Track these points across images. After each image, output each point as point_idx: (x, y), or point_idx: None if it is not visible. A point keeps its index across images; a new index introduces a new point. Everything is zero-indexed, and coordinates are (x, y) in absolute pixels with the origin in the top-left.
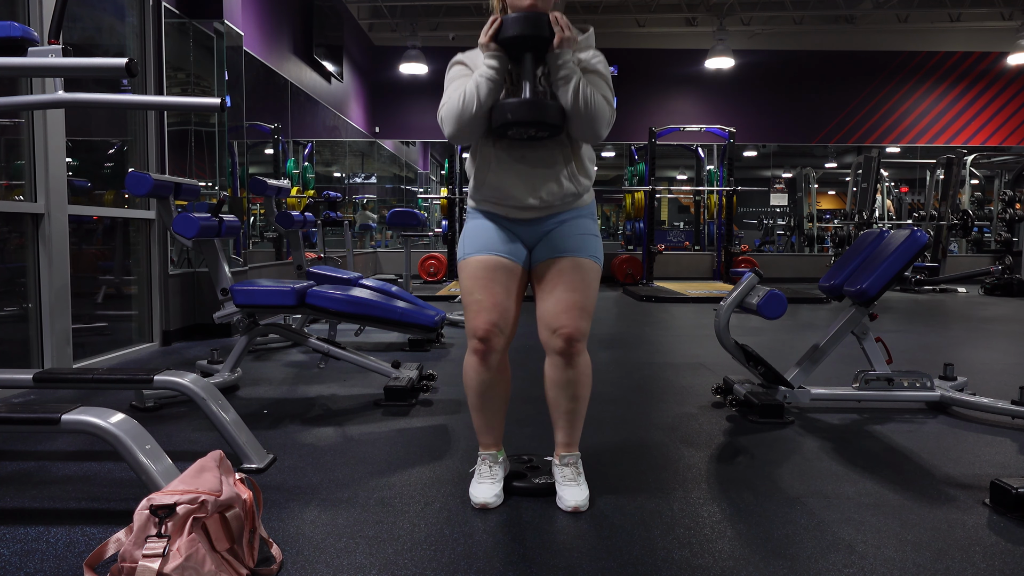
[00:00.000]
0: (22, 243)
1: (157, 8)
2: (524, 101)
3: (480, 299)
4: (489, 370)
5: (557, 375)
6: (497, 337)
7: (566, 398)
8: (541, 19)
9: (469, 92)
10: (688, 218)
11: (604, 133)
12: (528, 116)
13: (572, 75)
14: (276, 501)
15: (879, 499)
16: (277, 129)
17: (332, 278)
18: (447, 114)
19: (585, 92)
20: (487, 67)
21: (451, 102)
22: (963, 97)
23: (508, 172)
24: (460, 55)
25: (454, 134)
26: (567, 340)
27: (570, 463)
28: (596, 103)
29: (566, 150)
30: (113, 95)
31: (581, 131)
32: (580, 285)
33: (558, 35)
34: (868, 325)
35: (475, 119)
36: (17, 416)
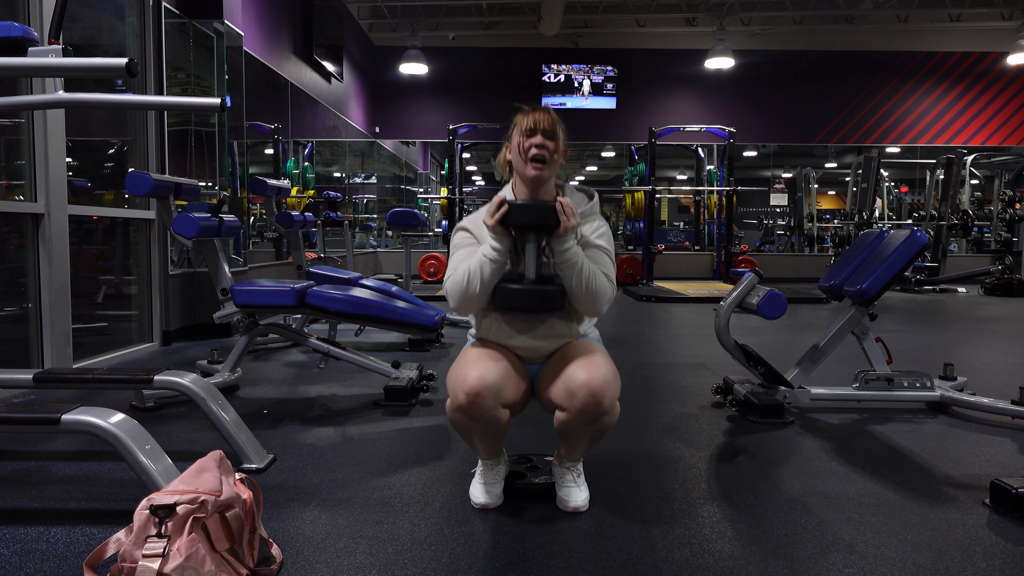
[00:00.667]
0: (22, 243)
1: (157, 8)
2: (527, 291)
3: (478, 356)
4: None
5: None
6: (489, 396)
7: (584, 441)
8: (547, 210)
9: (473, 272)
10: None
11: (605, 309)
12: (531, 305)
13: (575, 261)
14: (276, 501)
15: (879, 499)
16: (277, 129)
17: (332, 278)
18: (452, 290)
19: (587, 275)
20: (492, 248)
21: (456, 278)
22: (963, 97)
23: (511, 333)
24: (465, 221)
25: (457, 307)
26: (592, 395)
27: (571, 466)
28: (598, 285)
29: (568, 314)
30: (113, 95)
31: (581, 307)
32: (596, 351)
33: (563, 224)
34: (868, 325)
35: (479, 296)
36: (17, 416)
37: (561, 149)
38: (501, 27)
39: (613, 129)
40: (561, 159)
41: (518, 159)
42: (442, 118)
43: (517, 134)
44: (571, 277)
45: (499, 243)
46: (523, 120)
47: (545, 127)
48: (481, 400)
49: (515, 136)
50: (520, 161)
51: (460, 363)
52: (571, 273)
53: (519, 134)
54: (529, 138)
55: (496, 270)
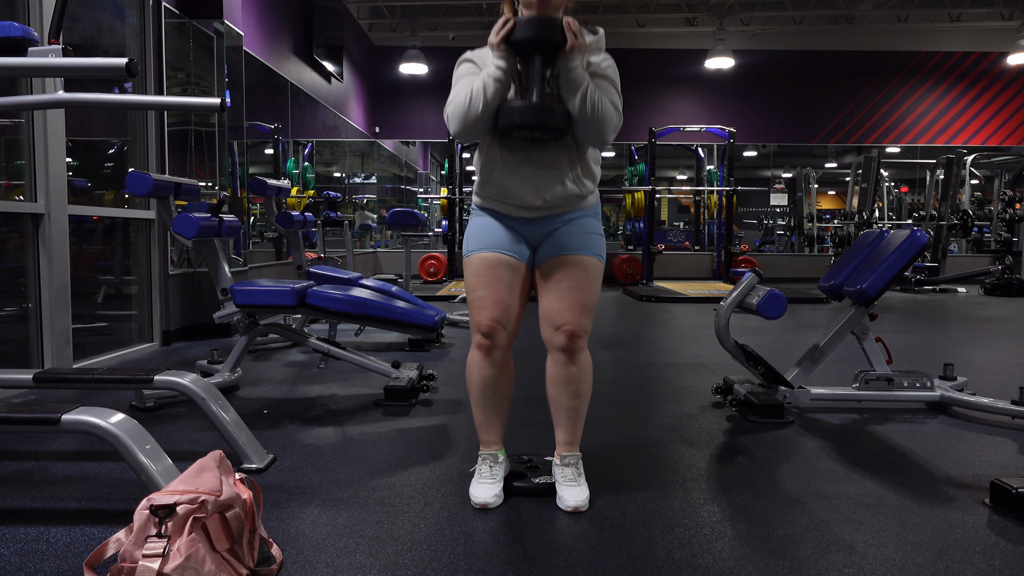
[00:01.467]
0: (22, 243)
1: (157, 8)
2: (531, 105)
3: (483, 296)
4: (493, 366)
5: (559, 372)
6: (500, 333)
7: (567, 395)
8: (554, 24)
9: (476, 91)
10: (688, 218)
11: (611, 138)
12: (534, 120)
13: (581, 81)
14: (276, 501)
15: (879, 499)
16: (277, 129)
17: (332, 278)
18: (453, 112)
19: (593, 98)
20: (495, 67)
21: (458, 100)
22: (963, 97)
23: (513, 173)
24: (469, 52)
25: (459, 132)
26: (569, 336)
27: (571, 463)
28: (604, 109)
29: (572, 153)
30: (113, 95)
31: (587, 136)
32: (583, 283)
33: (570, 41)
34: (868, 325)
35: (481, 118)
36: (17, 416)
37: None
38: None
39: None
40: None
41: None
42: (442, 118)
43: None
44: (576, 99)
45: (504, 61)
46: None
47: None
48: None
49: None
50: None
51: (472, 296)
52: (576, 94)
53: None
54: None
55: (499, 90)
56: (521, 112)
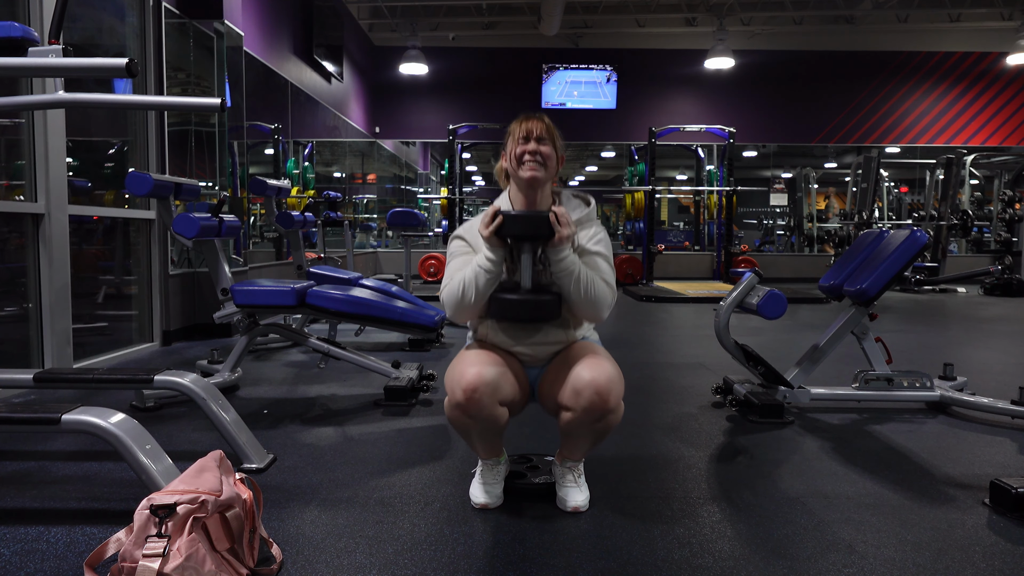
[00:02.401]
0: (22, 243)
1: (157, 8)
2: (523, 301)
3: (476, 355)
4: (476, 419)
5: (586, 428)
6: (485, 391)
7: (590, 439)
8: (541, 220)
9: (468, 282)
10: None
11: (606, 314)
12: (526, 315)
13: (572, 269)
14: (276, 501)
15: (879, 499)
16: (277, 129)
17: (332, 278)
18: (448, 300)
19: (585, 282)
20: (486, 259)
21: (451, 287)
22: (963, 97)
23: (508, 334)
24: (461, 229)
25: (453, 316)
26: (598, 394)
27: (571, 466)
28: (597, 291)
29: (565, 319)
30: (113, 95)
31: (582, 314)
32: (599, 352)
33: (558, 234)
34: (868, 325)
35: (475, 306)
36: (17, 416)
37: (557, 156)
38: (501, 27)
39: (613, 129)
40: (559, 166)
41: (513, 165)
42: (442, 118)
43: (512, 142)
44: (569, 286)
45: (494, 253)
46: (517, 128)
47: (539, 134)
48: (479, 397)
49: (510, 144)
50: (515, 166)
51: (458, 362)
52: (568, 282)
53: (514, 142)
54: (524, 144)
55: (491, 280)
56: (513, 308)
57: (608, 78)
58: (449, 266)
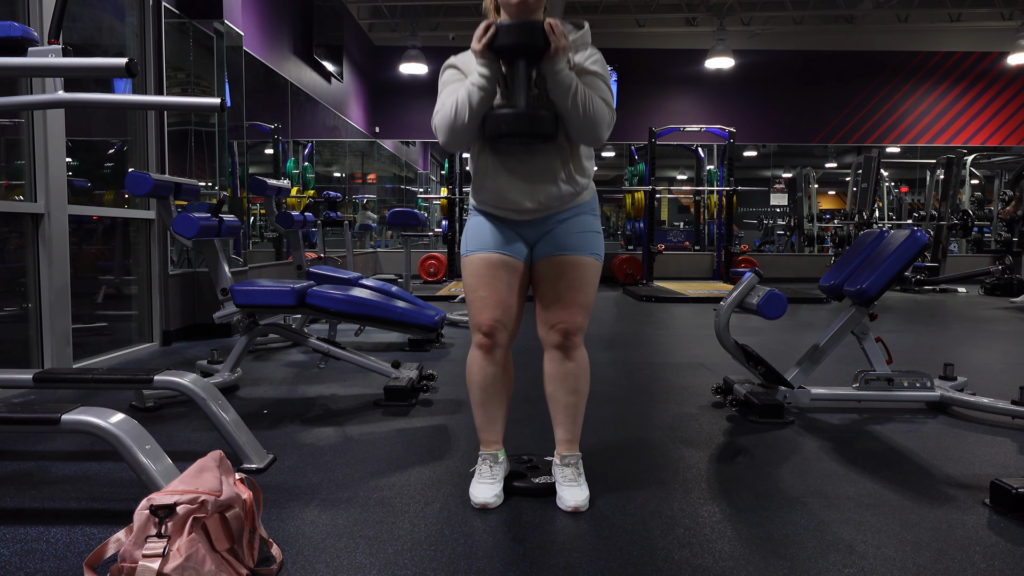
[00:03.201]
0: (22, 243)
1: (157, 8)
2: (517, 113)
3: (484, 296)
4: (493, 364)
5: (555, 369)
6: (500, 332)
7: (565, 392)
8: (536, 27)
9: (461, 101)
10: (688, 218)
11: (605, 135)
12: (521, 128)
13: (569, 83)
14: (276, 501)
15: (879, 499)
16: (277, 129)
17: (332, 278)
18: (440, 123)
19: (583, 98)
20: (479, 75)
21: (444, 110)
22: (963, 97)
23: (505, 178)
24: (453, 58)
25: (447, 142)
26: (564, 334)
27: (571, 463)
28: (595, 108)
29: (564, 153)
30: (113, 95)
31: (581, 136)
32: (579, 283)
33: (553, 44)
34: (868, 325)
35: (467, 128)
36: (17, 416)
37: None
38: None
39: (613, 129)
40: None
41: None
42: None
43: None
44: (566, 101)
45: (487, 69)
46: None
47: None
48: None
49: None
50: None
51: (471, 296)
52: (566, 97)
53: None
54: None
55: (484, 98)
56: (507, 121)
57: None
58: (441, 94)
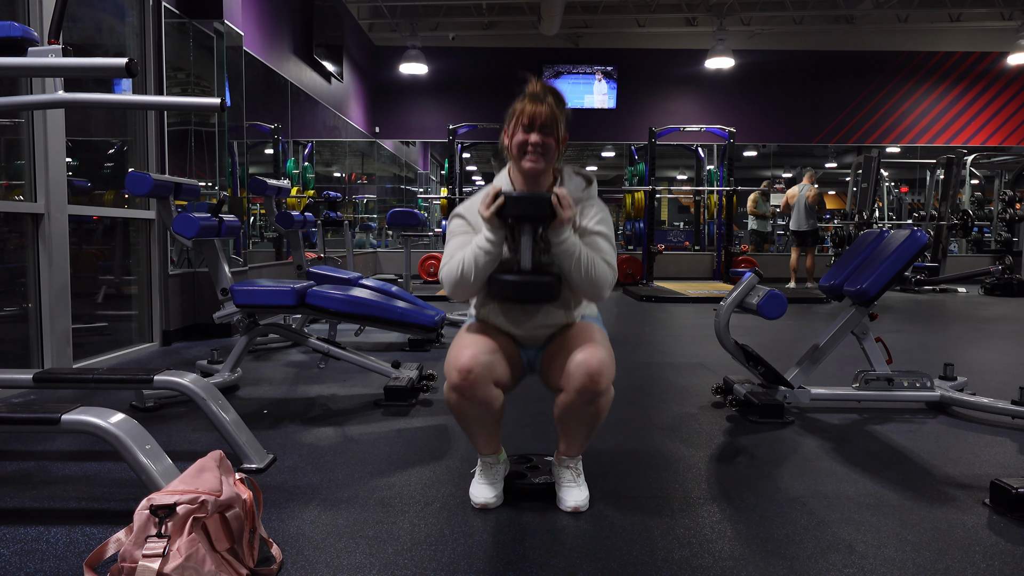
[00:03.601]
0: (22, 243)
1: (157, 8)
2: (522, 283)
3: (470, 338)
4: (477, 403)
5: (578, 411)
6: (480, 371)
7: (584, 427)
8: (542, 201)
9: (468, 262)
10: (688, 218)
11: (607, 295)
12: (525, 297)
13: (572, 252)
14: (276, 501)
15: (879, 499)
16: (277, 129)
17: (332, 278)
18: (447, 278)
19: (586, 264)
20: (486, 240)
21: (451, 267)
22: (963, 97)
23: (508, 315)
24: (460, 208)
25: (452, 295)
26: (589, 376)
27: (571, 465)
28: (597, 272)
29: (566, 294)
30: (113, 95)
31: (583, 295)
32: (596, 336)
33: (559, 217)
34: (868, 325)
35: (474, 286)
36: (17, 416)
37: (561, 137)
38: (501, 27)
39: (613, 129)
40: (562, 147)
41: (514, 151)
42: (442, 118)
43: (514, 123)
44: (569, 267)
45: (494, 234)
46: (521, 109)
47: (543, 121)
48: (473, 377)
49: (512, 126)
50: (515, 153)
51: (455, 345)
52: (569, 263)
53: (516, 124)
54: (526, 133)
55: (491, 261)
56: (512, 288)
57: (608, 78)
58: (448, 245)
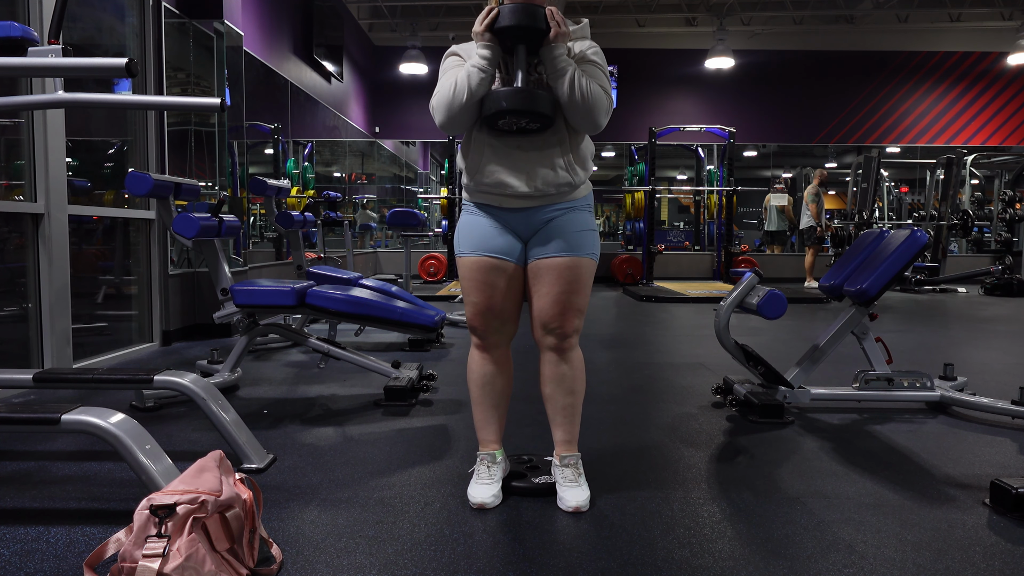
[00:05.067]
0: (22, 243)
1: (157, 8)
2: (516, 90)
3: (476, 301)
4: (491, 363)
5: (552, 371)
6: (493, 335)
7: (562, 393)
8: (537, 11)
9: (460, 81)
10: (688, 218)
11: (604, 122)
12: (520, 105)
13: (567, 67)
14: (276, 501)
15: (879, 499)
16: (277, 129)
17: (332, 278)
18: (438, 103)
19: (581, 83)
20: (480, 57)
21: (443, 91)
22: (963, 97)
23: (503, 159)
24: (455, 46)
25: (445, 123)
26: (559, 336)
27: (570, 464)
28: (593, 93)
29: (563, 139)
30: (113, 95)
31: (579, 122)
32: (574, 286)
33: (553, 29)
34: (868, 325)
35: (466, 108)
36: (17, 416)
37: None
38: None
39: (613, 129)
40: None
41: None
42: None
43: None
44: (564, 86)
45: (488, 51)
46: None
47: None
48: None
49: None
50: None
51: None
52: (564, 82)
53: None
54: None
55: (484, 80)
56: (507, 97)
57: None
58: (442, 79)
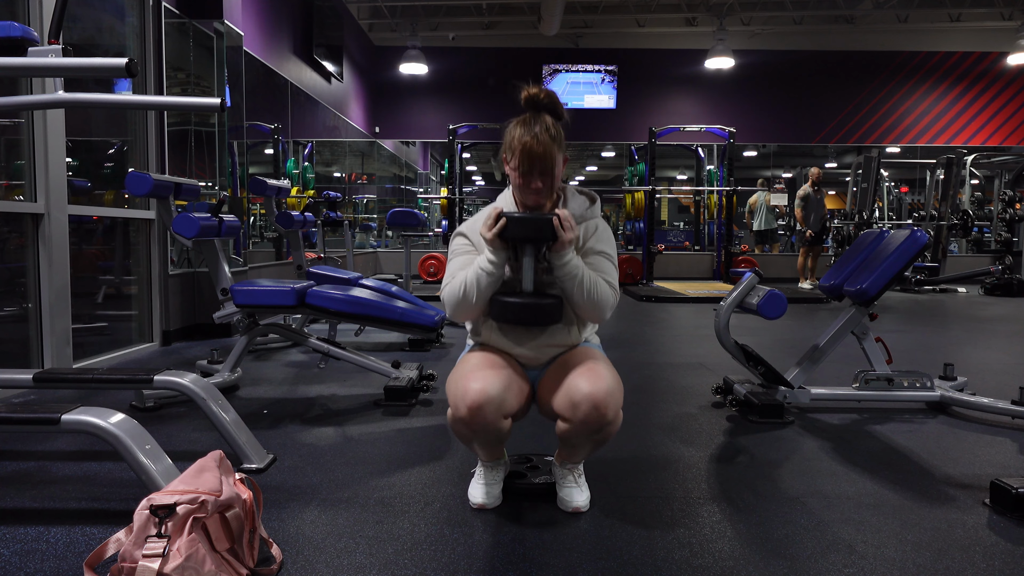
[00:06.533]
0: (22, 243)
1: (157, 8)
2: (523, 304)
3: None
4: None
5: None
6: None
7: (587, 448)
8: (544, 224)
9: (470, 283)
10: (688, 218)
11: (608, 316)
12: (527, 319)
13: (575, 273)
14: (276, 501)
15: (879, 499)
16: (277, 129)
17: (332, 278)
18: (448, 300)
19: (588, 286)
20: (488, 261)
21: (452, 288)
22: (963, 97)
23: (509, 334)
24: (463, 226)
25: (453, 316)
26: (595, 407)
27: (571, 466)
28: (600, 293)
29: (571, 321)
30: (113, 95)
31: (585, 316)
32: (598, 361)
33: (561, 238)
34: (868, 325)
35: (475, 307)
36: (17, 416)
37: (560, 163)
38: (501, 27)
39: (613, 129)
40: (563, 167)
41: (514, 181)
42: (442, 118)
43: (513, 158)
44: (571, 289)
45: (496, 256)
46: (519, 148)
47: (541, 168)
48: (483, 413)
49: (510, 157)
50: (516, 183)
51: (461, 372)
52: (571, 285)
53: (514, 159)
54: (525, 177)
55: (493, 282)
56: (513, 311)
57: (608, 78)
58: (450, 264)
